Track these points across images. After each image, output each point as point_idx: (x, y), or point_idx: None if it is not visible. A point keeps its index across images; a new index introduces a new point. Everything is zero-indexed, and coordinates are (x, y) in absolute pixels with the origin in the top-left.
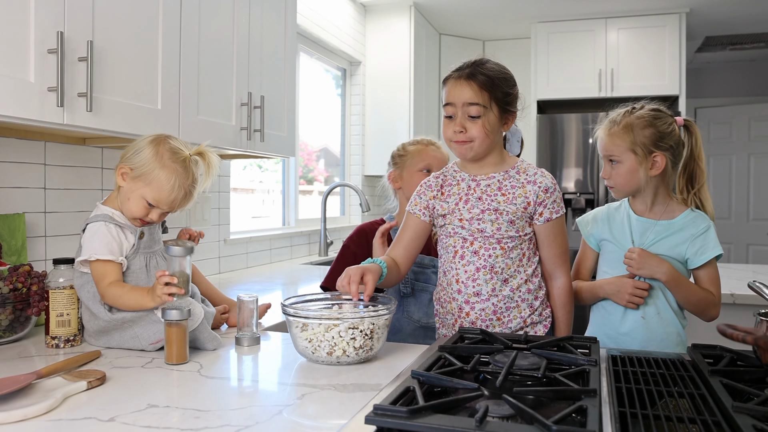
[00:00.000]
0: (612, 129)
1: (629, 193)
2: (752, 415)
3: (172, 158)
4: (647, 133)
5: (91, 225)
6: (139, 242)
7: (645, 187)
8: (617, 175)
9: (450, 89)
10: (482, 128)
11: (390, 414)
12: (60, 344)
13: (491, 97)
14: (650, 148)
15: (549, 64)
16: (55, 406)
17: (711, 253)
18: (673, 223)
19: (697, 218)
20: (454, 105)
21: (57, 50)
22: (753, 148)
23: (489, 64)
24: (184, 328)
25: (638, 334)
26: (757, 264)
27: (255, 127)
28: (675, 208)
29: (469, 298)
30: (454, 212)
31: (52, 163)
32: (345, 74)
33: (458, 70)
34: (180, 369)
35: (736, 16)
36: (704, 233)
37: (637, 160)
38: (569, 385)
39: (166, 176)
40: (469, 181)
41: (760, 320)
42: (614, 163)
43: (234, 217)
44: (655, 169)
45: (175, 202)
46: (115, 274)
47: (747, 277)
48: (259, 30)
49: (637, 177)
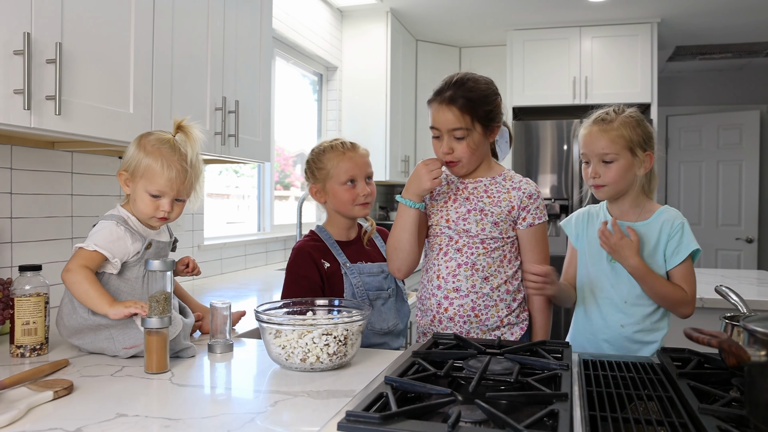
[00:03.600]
0: (607, 127)
1: (619, 193)
2: (717, 416)
3: (156, 144)
4: (639, 131)
5: (103, 221)
6: (145, 252)
7: (630, 188)
8: (610, 173)
9: (434, 114)
10: (467, 148)
11: (363, 420)
12: (25, 353)
13: (473, 118)
14: (644, 146)
15: (524, 71)
16: (19, 417)
17: (685, 251)
18: (649, 224)
19: (670, 216)
20: (439, 129)
21: (23, 52)
22: (722, 156)
23: (469, 83)
24: (165, 337)
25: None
26: (726, 268)
27: (229, 132)
28: (648, 207)
29: (449, 293)
30: (441, 211)
31: (19, 167)
32: (321, 79)
33: (439, 94)
34: (150, 377)
35: (706, 27)
36: (679, 232)
37: (633, 158)
38: (541, 390)
39: (153, 160)
40: (457, 183)
41: (726, 323)
42: (607, 163)
43: (208, 222)
44: (644, 169)
45: (174, 182)
46: (94, 263)
47: (715, 281)
48: (234, 34)
49: (630, 175)
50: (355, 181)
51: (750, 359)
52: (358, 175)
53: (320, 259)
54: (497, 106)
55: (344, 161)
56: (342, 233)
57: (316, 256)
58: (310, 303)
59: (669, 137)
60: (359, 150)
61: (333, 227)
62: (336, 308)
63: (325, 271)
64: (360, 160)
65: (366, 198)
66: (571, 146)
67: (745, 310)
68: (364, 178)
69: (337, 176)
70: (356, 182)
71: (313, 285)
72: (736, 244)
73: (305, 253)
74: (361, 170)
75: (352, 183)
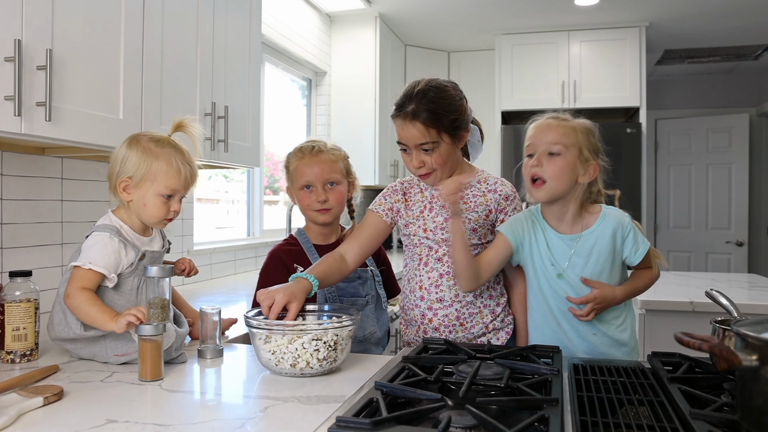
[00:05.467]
0: (561, 122)
1: (557, 196)
2: (709, 421)
3: (159, 145)
4: (592, 139)
5: (96, 233)
6: (138, 263)
7: (568, 196)
8: (553, 167)
9: (398, 130)
10: (439, 157)
11: (353, 426)
12: (16, 359)
13: (439, 131)
14: (592, 154)
15: (513, 75)
16: (9, 423)
17: (644, 247)
18: (596, 231)
19: (617, 217)
20: (406, 145)
21: (14, 58)
22: (711, 159)
23: (430, 93)
24: (159, 344)
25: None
26: (716, 272)
27: (219, 137)
28: (588, 214)
29: (432, 304)
30: (418, 221)
31: (9, 173)
32: (311, 84)
33: (401, 108)
34: (141, 383)
35: (694, 30)
36: (631, 230)
37: (579, 159)
38: (532, 395)
39: (166, 162)
40: (431, 190)
41: (717, 328)
42: (553, 155)
43: (198, 227)
44: (587, 177)
45: (188, 181)
46: (92, 283)
47: (706, 285)
48: (223, 40)
49: (571, 176)
50: (312, 187)
51: (741, 363)
52: (314, 181)
53: (292, 264)
54: (463, 112)
55: (302, 166)
56: (319, 237)
57: (288, 261)
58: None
59: (658, 141)
60: (323, 155)
61: (310, 230)
62: (326, 313)
63: None
64: (319, 166)
65: (323, 205)
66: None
67: (736, 314)
68: (324, 184)
69: (296, 180)
70: (313, 188)
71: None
72: (726, 247)
73: (277, 258)
74: (318, 176)
75: (309, 188)
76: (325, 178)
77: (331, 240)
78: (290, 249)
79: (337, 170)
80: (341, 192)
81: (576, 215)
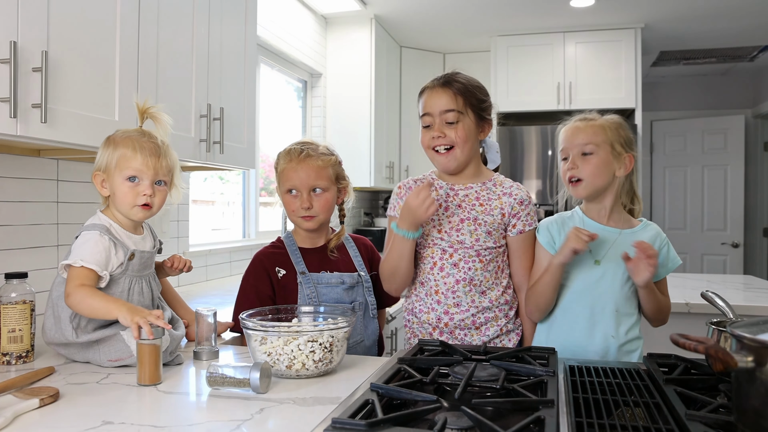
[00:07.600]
0: (589, 122)
1: (597, 191)
2: (704, 422)
3: (124, 134)
4: (622, 132)
5: (85, 232)
6: (128, 264)
7: (608, 190)
8: (588, 166)
9: (426, 99)
10: (461, 131)
11: (348, 427)
12: (11, 361)
13: (466, 102)
14: (625, 147)
15: (509, 77)
16: (5, 425)
17: (673, 264)
18: (637, 233)
19: (656, 228)
20: (431, 114)
21: (9, 60)
22: (706, 161)
23: (461, 75)
24: (158, 348)
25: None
26: (712, 273)
27: (214, 139)
28: (628, 216)
29: (449, 308)
30: (432, 221)
31: (5, 174)
32: (306, 86)
33: (434, 81)
34: (137, 385)
35: (689, 32)
36: (667, 245)
37: (613, 155)
38: (527, 396)
39: (124, 147)
40: (447, 189)
41: (713, 329)
42: (586, 155)
43: (193, 229)
44: (624, 170)
45: (150, 161)
46: (90, 280)
47: (702, 287)
48: (218, 41)
49: (608, 172)
50: (297, 192)
51: (737, 365)
52: (299, 186)
53: (274, 268)
54: (489, 103)
55: (288, 170)
56: (306, 240)
57: (269, 265)
58: (296, 310)
59: (653, 142)
60: (311, 161)
61: (298, 234)
62: (321, 315)
63: (279, 279)
64: (306, 171)
65: (307, 212)
66: (555, 152)
67: (732, 315)
68: (309, 190)
69: (282, 183)
70: (298, 193)
71: (261, 296)
72: (721, 249)
73: (258, 262)
74: (304, 182)
75: (294, 193)
76: (311, 184)
77: (319, 243)
78: (274, 252)
79: (325, 177)
80: (327, 200)
81: (619, 209)
